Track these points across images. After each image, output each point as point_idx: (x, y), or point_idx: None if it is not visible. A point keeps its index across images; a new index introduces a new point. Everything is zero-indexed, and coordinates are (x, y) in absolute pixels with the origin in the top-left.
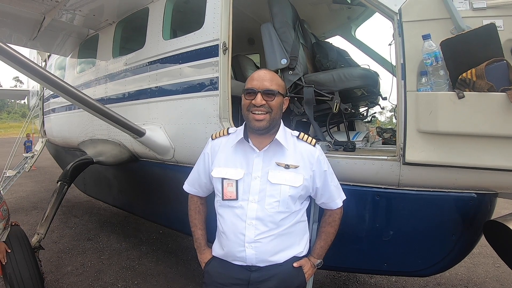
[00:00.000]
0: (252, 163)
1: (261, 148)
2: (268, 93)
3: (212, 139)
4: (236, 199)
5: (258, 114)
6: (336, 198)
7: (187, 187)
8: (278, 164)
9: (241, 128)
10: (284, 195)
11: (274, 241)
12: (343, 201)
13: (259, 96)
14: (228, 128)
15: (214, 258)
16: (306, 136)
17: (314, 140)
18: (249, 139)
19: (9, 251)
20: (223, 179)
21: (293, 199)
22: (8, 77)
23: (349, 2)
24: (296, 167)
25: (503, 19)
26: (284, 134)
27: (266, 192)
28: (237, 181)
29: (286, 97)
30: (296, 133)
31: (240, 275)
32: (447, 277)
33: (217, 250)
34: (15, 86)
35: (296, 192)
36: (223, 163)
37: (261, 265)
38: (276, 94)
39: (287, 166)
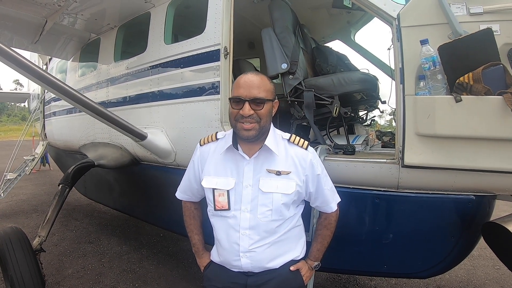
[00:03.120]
0: (242, 171)
1: (251, 155)
2: (256, 102)
3: (201, 145)
4: (228, 209)
5: (247, 123)
6: (330, 202)
7: (179, 194)
8: (269, 171)
9: (230, 133)
10: (276, 203)
11: (270, 249)
12: (339, 204)
13: (246, 105)
14: (216, 133)
15: (212, 262)
16: (297, 138)
17: (306, 143)
18: (238, 146)
19: None
20: (214, 189)
21: (286, 206)
22: (8, 80)
23: (349, 6)
24: (287, 173)
25: (500, 24)
26: (274, 138)
27: (258, 201)
28: (228, 191)
29: (276, 101)
30: (287, 135)
31: (237, 280)
32: (447, 279)
33: (215, 256)
34: (15, 89)
35: (289, 199)
36: (213, 172)
37: (257, 271)
38: (265, 102)
39: (278, 173)
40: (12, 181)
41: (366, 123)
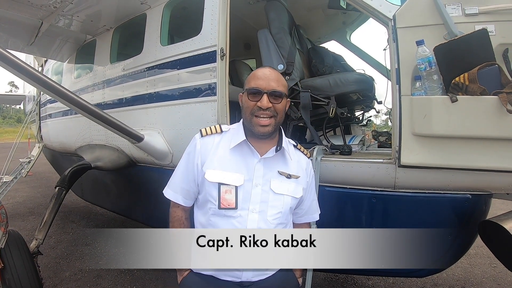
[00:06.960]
0: (252, 169)
1: (261, 154)
2: (275, 95)
3: (202, 136)
4: (235, 208)
5: (263, 118)
6: (315, 212)
7: (170, 193)
8: (280, 173)
9: (236, 127)
10: (286, 206)
11: None
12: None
13: (265, 98)
14: (220, 125)
15: (192, 274)
16: (301, 146)
17: (308, 152)
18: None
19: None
20: (220, 184)
21: (291, 210)
22: (3, 82)
23: (344, 7)
24: (297, 177)
25: (495, 24)
26: (285, 141)
27: (268, 202)
28: (237, 187)
29: (288, 99)
30: (293, 142)
31: None
32: (444, 277)
33: (202, 264)
34: (10, 91)
35: (295, 203)
36: (218, 166)
37: (256, 279)
38: (283, 96)
39: (289, 176)
40: (8, 183)
41: (362, 123)
